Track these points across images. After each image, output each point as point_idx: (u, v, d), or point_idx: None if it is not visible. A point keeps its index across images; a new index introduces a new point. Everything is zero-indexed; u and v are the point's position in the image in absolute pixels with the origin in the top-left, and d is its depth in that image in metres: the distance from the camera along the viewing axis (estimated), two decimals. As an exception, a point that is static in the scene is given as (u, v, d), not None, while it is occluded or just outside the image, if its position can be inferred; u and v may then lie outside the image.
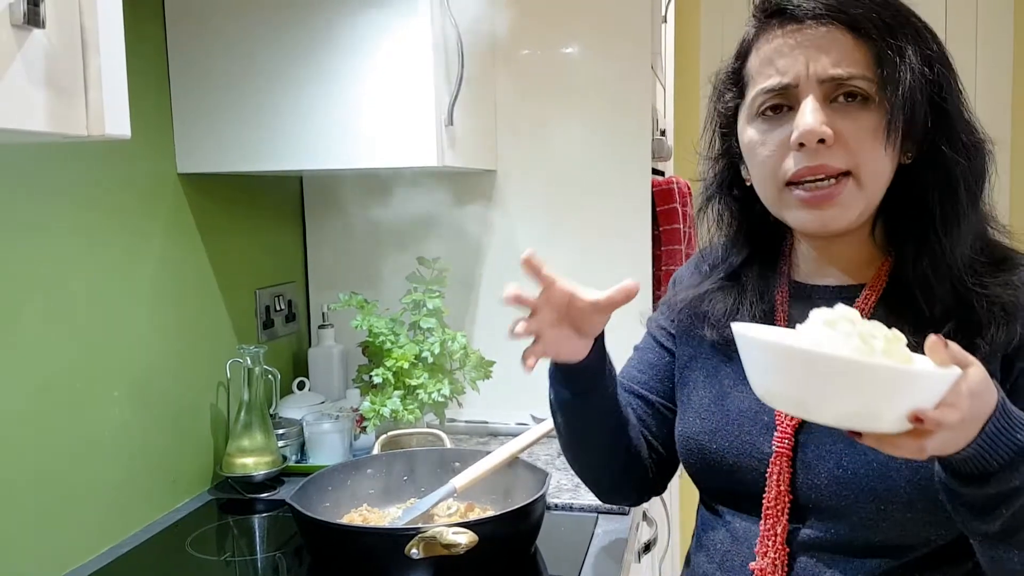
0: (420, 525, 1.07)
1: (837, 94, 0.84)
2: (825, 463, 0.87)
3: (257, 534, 1.39)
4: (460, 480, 1.22)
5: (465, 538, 0.98)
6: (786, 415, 0.89)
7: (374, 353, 1.49)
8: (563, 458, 1.56)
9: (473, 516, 1.25)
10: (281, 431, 1.57)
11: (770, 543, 0.88)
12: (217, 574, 1.22)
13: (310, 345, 1.85)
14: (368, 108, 1.38)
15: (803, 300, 0.93)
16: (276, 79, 1.40)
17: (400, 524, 1.16)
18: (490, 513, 1.24)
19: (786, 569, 0.88)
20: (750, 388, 0.77)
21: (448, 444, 1.40)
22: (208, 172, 1.47)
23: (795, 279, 0.96)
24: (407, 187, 1.82)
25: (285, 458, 1.54)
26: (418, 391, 1.47)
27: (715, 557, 0.95)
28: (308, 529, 1.13)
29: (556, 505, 1.37)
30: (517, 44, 1.76)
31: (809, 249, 0.95)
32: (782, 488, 0.88)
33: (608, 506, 1.35)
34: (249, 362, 1.48)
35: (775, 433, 0.89)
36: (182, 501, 1.43)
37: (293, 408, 1.66)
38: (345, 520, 1.24)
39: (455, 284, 1.84)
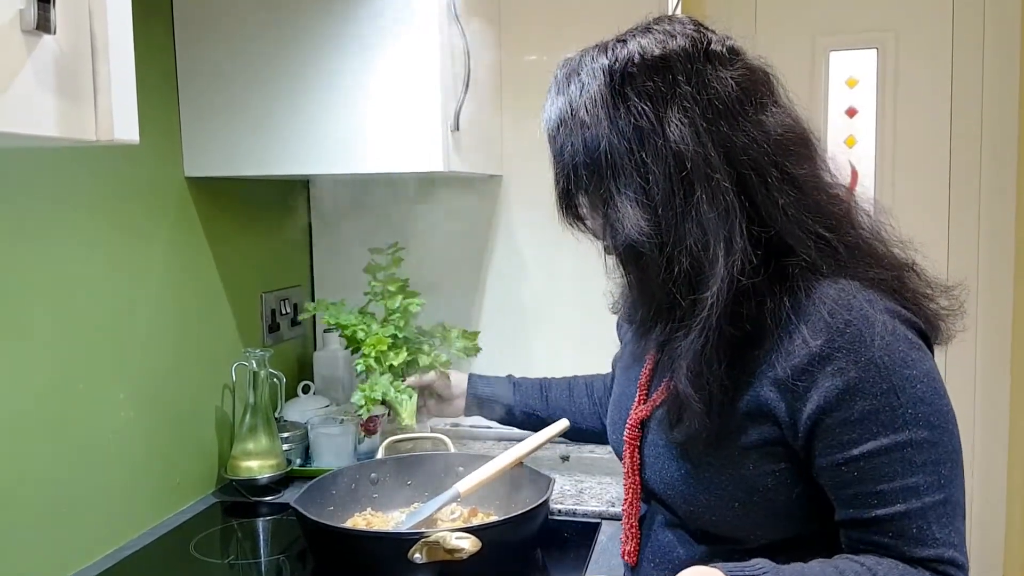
0: (423, 530, 1.07)
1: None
2: (657, 463, 0.99)
3: (261, 537, 1.39)
4: (464, 485, 1.22)
5: (468, 543, 0.99)
6: (638, 405, 1.03)
7: (356, 347, 1.49)
8: (567, 463, 1.56)
9: (476, 521, 1.25)
10: (286, 434, 1.58)
11: (626, 519, 1.04)
12: (221, 577, 1.22)
13: (315, 349, 1.85)
14: (374, 113, 1.39)
15: None
16: (283, 84, 1.40)
17: (403, 529, 1.17)
18: (494, 518, 1.25)
19: (637, 543, 1.04)
20: (632, 383, 1.07)
21: (452, 448, 1.40)
22: (215, 176, 1.47)
23: None
24: (413, 192, 1.83)
25: (290, 461, 1.54)
26: (419, 356, 1.47)
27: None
28: (311, 533, 1.14)
29: (559, 511, 1.37)
30: (523, 50, 1.77)
31: None
32: (631, 472, 1.02)
33: (612, 511, 1.35)
34: (254, 365, 1.49)
35: (627, 421, 1.03)
36: (186, 504, 1.43)
37: (298, 411, 1.66)
38: (348, 524, 1.25)
39: (460, 289, 1.84)
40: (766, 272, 0.87)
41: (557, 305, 1.80)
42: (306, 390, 1.73)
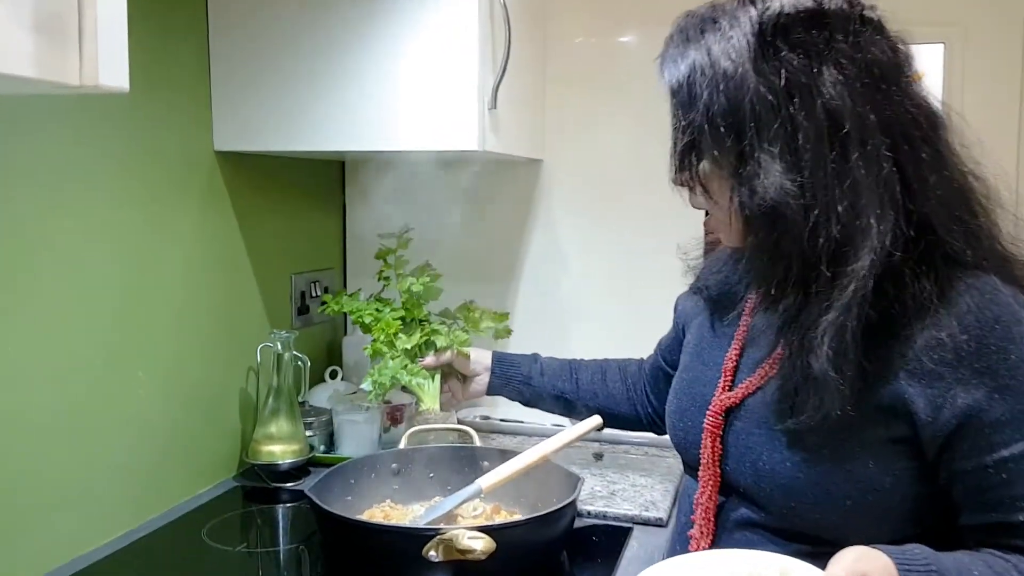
0: (439, 527, 1.01)
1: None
2: (748, 454, 0.91)
3: (280, 524, 1.35)
4: (487, 480, 1.15)
5: (481, 544, 0.92)
6: (723, 392, 0.96)
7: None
8: (599, 463, 1.49)
9: (499, 519, 1.18)
10: (310, 420, 1.53)
11: (701, 513, 0.96)
12: (231, 566, 1.17)
13: (345, 334, 1.80)
14: (408, 88, 1.33)
15: None
16: (317, 57, 1.35)
17: (420, 524, 1.11)
18: (517, 517, 1.18)
19: (712, 538, 0.95)
20: (711, 367, 1.00)
21: (477, 442, 1.34)
22: (245, 151, 1.43)
23: None
24: (450, 174, 1.77)
25: (312, 447, 1.50)
26: (436, 337, 1.41)
27: (679, 520, 1.04)
28: (324, 523, 1.08)
29: (588, 512, 1.30)
30: (569, 31, 1.70)
31: None
32: (710, 463, 0.95)
33: (645, 516, 1.28)
34: (279, 347, 1.44)
35: (707, 410, 0.96)
36: (205, 487, 1.40)
37: (324, 397, 1.62)
38: (365, 515, 1.19)
39: (496, 277, 1.78)
40: (915, 251, 0.82)
41: (595, 297, 1.73)
42: (333, 375, 1.68)
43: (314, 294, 1.71)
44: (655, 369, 1.28)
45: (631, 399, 1.33)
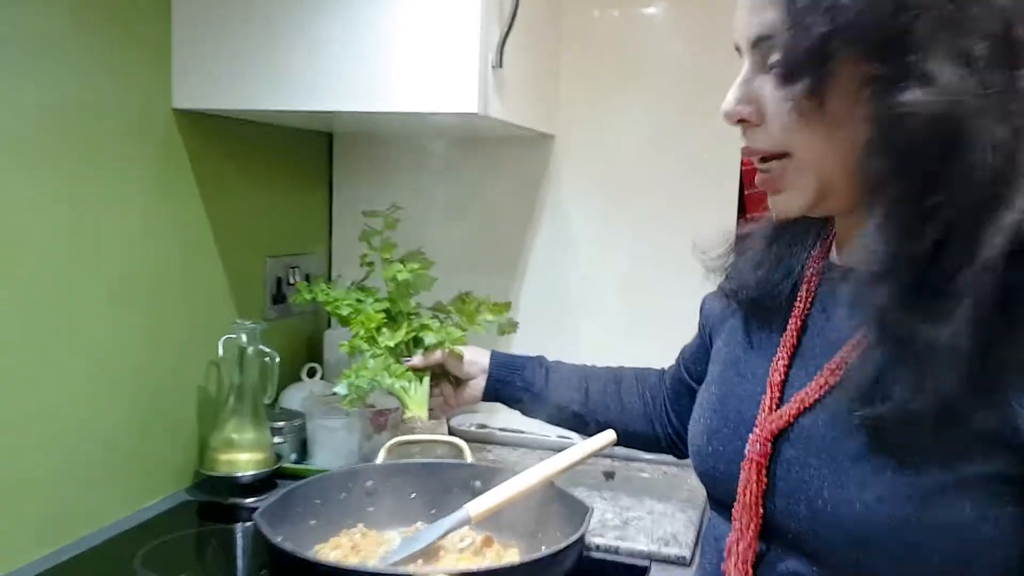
0: (409, 571, 0.80)
1: (767, 65, 0.69)
2: (803, 490, 0.71)
3: (237, 548, 1.15)
4: (477, 506, 0.95)
5: (465, 597, 0.72)
6: (770, 411, 0.76)
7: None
8: (610, 483, 1.30)
9: (490, 553, 0.98)
10: (280, 425, 1.33)
11: (736, 565, 0.75)
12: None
13: (329, 327, 1.60)
14: (400, 38, 1.13)
15: (831, 281, 0.79)
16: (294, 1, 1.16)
17: (390, 562, 0.90)
18: (513, 551, 0.98)
19: None
20: (751, 380, 0.80)
21: (469, 457, 1.13)
22: (210, 110, 1.23)
23: (832, 257, 0.81)
24: (450, 150, 1.57)
25: (280, 457, 1.30)
26: (425, 334, 1.21)
27: (704, 567, 0.84)
28: (272, 557, 0.88)
29: (597, 547, 1.09)
30: (588, 3, 1.49)
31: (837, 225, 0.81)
32: (750, 501, 0.74)
33: (665, 553, 1.07)
34: (244, 340, 1.25)
35: (751, 435, 0.76)
36: (150, 501, 1.20)
37: (299, 398, 1.42)
38: (330, 544, 0.99)
39: (498, 264, 1.57)
40: None
41: (610, 292, 1.53)
42: (312, 374, 1.48)
43: (292, 280, 1.51)
44: (677, 382, 1.08)
45: (648, 415, 1.13)
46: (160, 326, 1.20)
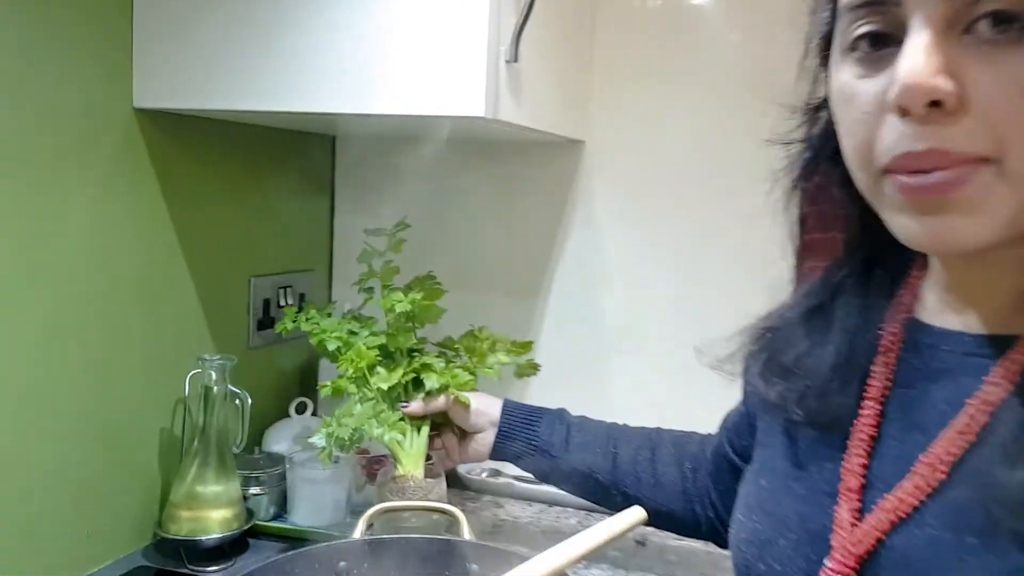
0: None
1: (973, 17, 0.46)
2: None
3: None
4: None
5: None
6: (852, 527, 0.56)
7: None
8: (641, 553, 1.11)
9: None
10: (258, 473, 1.16)
11: None
12: None
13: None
14: (394, 28, 0.94)
15: (921, 349, 0.58)
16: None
17: None
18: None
19: None
20: (815, 477, 0.60)
21: (467, 531, 0.94)
22: (179, 109, 1.06)
23: (918, 316, 0.61)
24: (466, 158, 1.37)
25: (251, 513, 1.12)
26: (426, 375, 1.02)
27: None
28: None
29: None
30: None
31: (941, 271, 0.59)
32: None
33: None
34: (212, 377, 1.07)
35: (828, 563, 0.55)
36: (96, 567, 1.02)
37: (286, 440, 1.24)
38: (287, 648, 0.80)
39: (519, 292, 1.38)
40: None
41: (648, 323, 1.32)
42: (301, 409, 1.30)
43: (283, 303, 1.33)
44: (719, 456, 0.88)
45: (687, 493, 0.92)
46: (114, 359, 1.03)
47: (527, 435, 1.01)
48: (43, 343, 0.94)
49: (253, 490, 1.15)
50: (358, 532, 0.93)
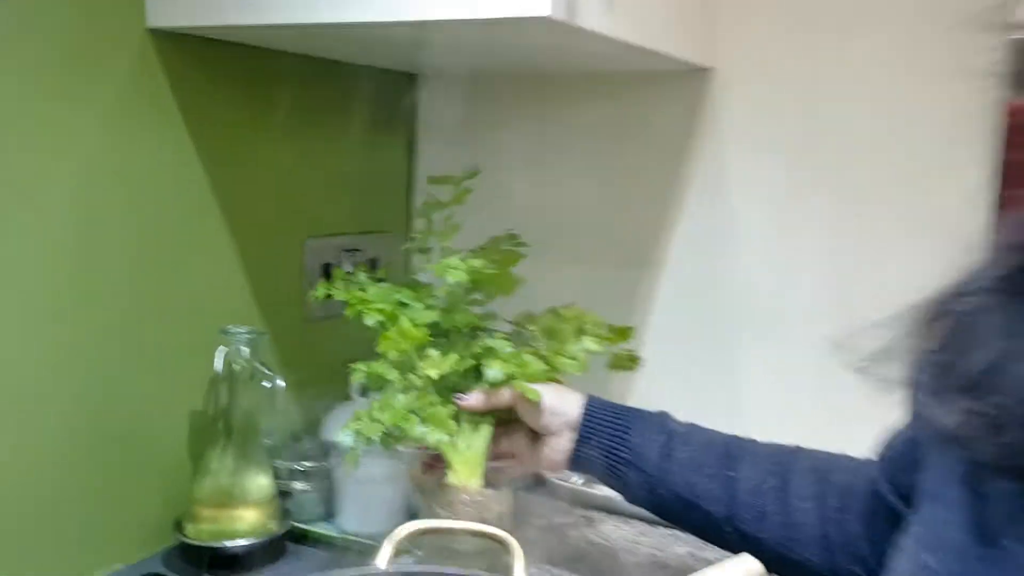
0: None
1: None
2: None
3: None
4: None
5: None
6: None
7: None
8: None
9: None
10: (303, 467, 0.98)
11: None
12: None
13: (404, 329, 1.23)
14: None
15: None
16: None
17: None
18: None
19: None
20: (1010, 560, 0.39)
21: (519, 568, 0.71)
22: (200, 29, 0.88)
23: None
24: (572, 97, 1.14)
25: (287, 513, 0.94)
26: (488, 363, 0.80)
27: None
28: None
29: None
30: None
31: None
32: None
33: None
34: (240, 352, 0.89)
35: None
36: (103, 572, 0.88)
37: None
38: None
39: (622, 260, 1.13)
40: None
41: (790, 304, 1.04)
42: (366, 391, 1.11)
43: (351, 270, 1.14)
44: (872, 496, 0.62)
45: (828, 540, 0.66)
46: (131, 330, 0.87)
47: (612, 443, 0.78)
48: (41, 313, 0.78)
49: (299, 486, 0.98)
50: (384, 559, 0.73)
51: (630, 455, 0.77)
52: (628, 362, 0.92)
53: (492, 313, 0.89)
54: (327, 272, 1.11)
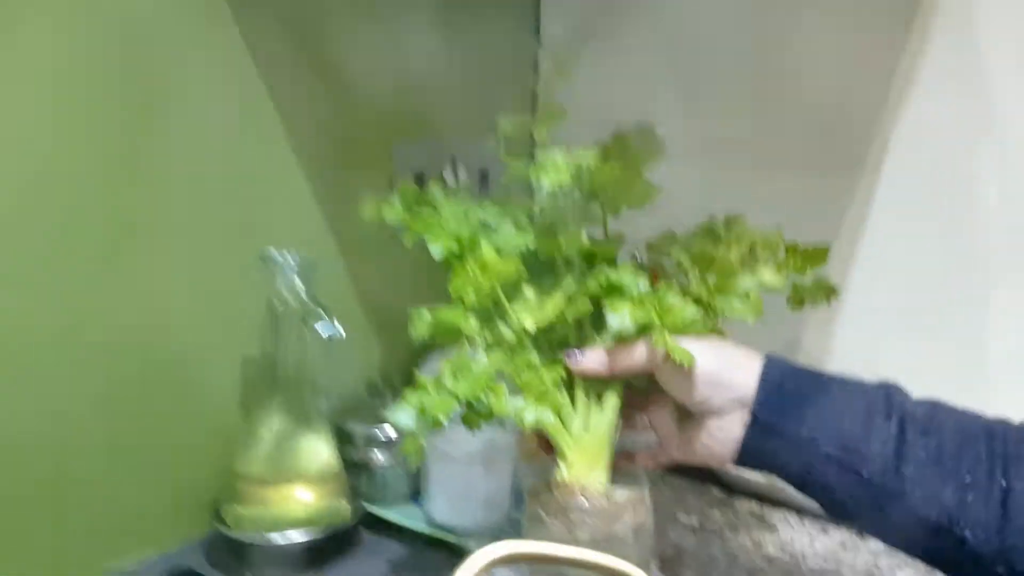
0: None
1: None
2: None
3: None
4: None
5: None
6: None
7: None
8: None
9: None
10: (386, 433, 0.76)
11: None
12: None
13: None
14: None
15: None
16: None
17: None
18: None
19: None
20: None
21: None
22: None
23: None
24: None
25: (359, 495, 0.73)
26: (612, 303, 0.56)
27: None
28: None
29: None
30: None
31: None
32: None
33: None
34: (290, 285, 0.67)
35: None
36: (128, 562, 0.70)
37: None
38: None
39: (811, 162, 0.81)
40: None
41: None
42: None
43: (454, 182, 0.90)
44: None
45: None
46: (149, 255, 0.67)
47: (811, 432, 0.51)
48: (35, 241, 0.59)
49: (382, 457, 0.76)
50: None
51: (840, 452, 0.50)
52: (822, 293, 0.62)
53: (617, 235, 0.62)
54: (421, 184, 0.87)
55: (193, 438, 0.72)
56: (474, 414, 0.57)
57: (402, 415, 0.54)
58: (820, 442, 0.51)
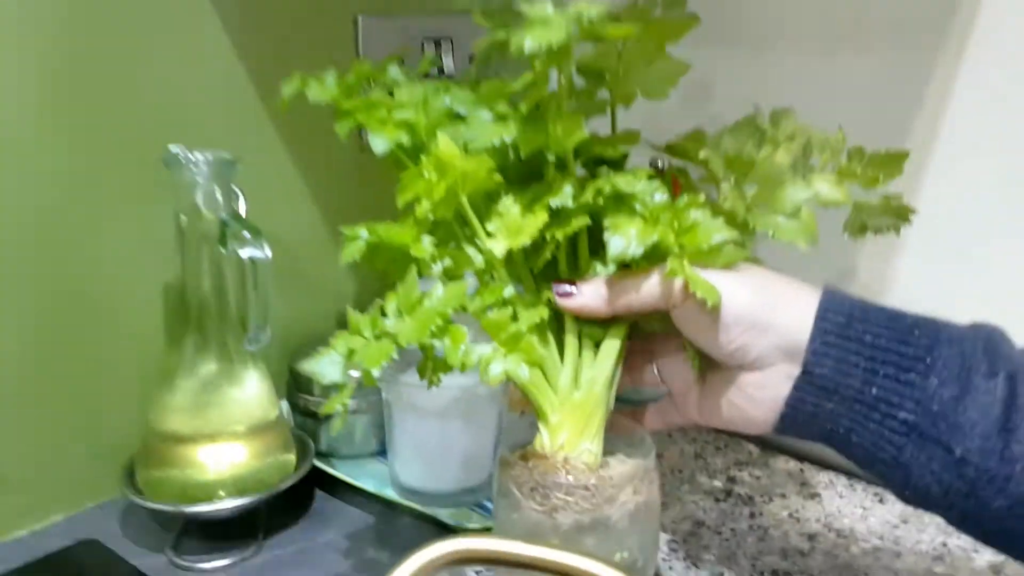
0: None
1: None
2: None
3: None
4: None
5: None
6: None
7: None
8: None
9: None
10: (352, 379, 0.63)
11: None
12: None
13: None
14: None
15: None
16: None
17: None
18: None
19: None
20: None
21: None
22: None
23: None
24: None
25: (328, 454, 0.61)
26: (612, 223, 0.41)
27: None
28: None
29: None
30: None
31: None
32: None
33: None
34: (197, 193, 0.53)
35: None
36: (24, 531, 0.58)
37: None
38: None
39: (865, 36, 0.64)
40: None
41: None
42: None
43: (440, 66, 0.74)
44: None
45: None
46: (59, 161, 0.53)
47: (888, 393, 0.37)
48: None
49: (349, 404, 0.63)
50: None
51: (923, 420, 0.36)
52: (895, 216, 0.47)
53: (630, 133, 0.46)
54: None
55: (110, 383, 0.59)
56: (428, 363, 0.44)
57: (327, 364, 0.41)
58: (895, 406, 0.37)
